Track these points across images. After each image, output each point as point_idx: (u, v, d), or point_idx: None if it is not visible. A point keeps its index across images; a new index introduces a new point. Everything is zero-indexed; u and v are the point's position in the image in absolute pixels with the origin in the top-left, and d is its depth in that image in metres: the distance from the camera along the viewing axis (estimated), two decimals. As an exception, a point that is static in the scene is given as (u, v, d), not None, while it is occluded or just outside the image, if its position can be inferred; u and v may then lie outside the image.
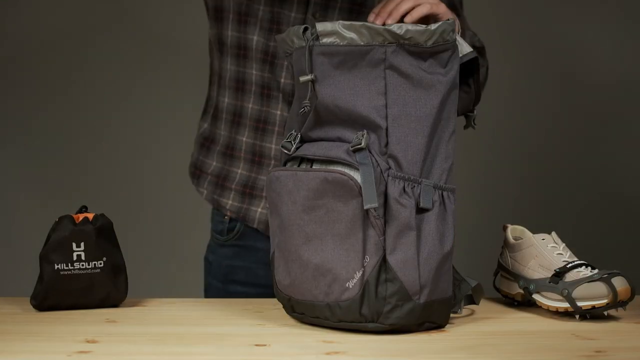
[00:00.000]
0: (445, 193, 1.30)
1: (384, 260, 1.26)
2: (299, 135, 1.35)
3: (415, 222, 1.26)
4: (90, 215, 1.46)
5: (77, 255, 1.43)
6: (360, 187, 1.24)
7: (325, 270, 1.28)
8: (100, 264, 1.44)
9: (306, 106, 1.31)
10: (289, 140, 1.35)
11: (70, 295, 1.44)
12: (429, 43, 1.28)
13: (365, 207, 1.23)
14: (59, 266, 1.43)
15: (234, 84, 1.64)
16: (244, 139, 1.62)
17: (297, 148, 1.34)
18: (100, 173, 2.82)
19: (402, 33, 1.27)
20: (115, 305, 1.47)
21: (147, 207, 2.82)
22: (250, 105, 1.62)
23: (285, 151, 1.34)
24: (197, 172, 1.70)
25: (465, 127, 1.41)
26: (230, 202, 1.63)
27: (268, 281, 1.47)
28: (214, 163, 1.66)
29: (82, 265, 1.43)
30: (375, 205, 1.23)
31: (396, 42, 1.28)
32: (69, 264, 1.43)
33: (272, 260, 1.38)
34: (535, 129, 2.73)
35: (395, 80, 1.28)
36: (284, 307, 1.38)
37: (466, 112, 1.39)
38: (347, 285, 1.27)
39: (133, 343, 1.25)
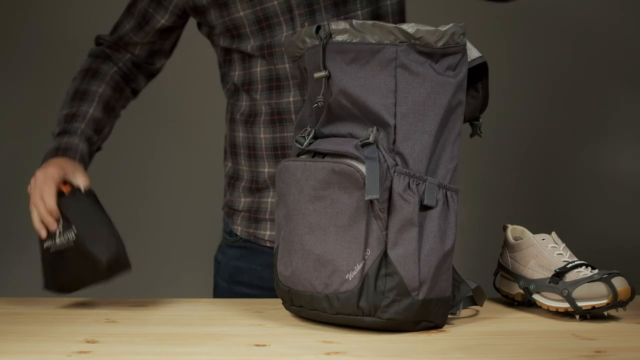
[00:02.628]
0: (448, 193, 1.31)
1: (385, 255, 1.26)
2: (313, 131, 1.36)
3: (418, 219, 1.27)
4: (66, 188, 1.47)
5: (59, 231, 1.44)
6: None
7: (326, 261, 1.29)
8: (75, 235, 1.44)
9: (320, 101, 1.33)
10: (302, 135, 1.37)
11: (70, 271, 1.44)
12: (440, 44, 1.30)
13: (366, 198, 1.24)
14: (47, 244, 1.44)
15: (245, 118, 1.65)
16: (265, 170, 1.62)
17: (309, 143, 1.36)
18: (103, 173, 2.82)
19: (412, 32, 1.29)
20: (126, 267, 1.46)
21: (150, 206, 2.82)
22: (261, 136, 1.62)
23: (299, 145, 1.36)
24: (230, 212, 1.71)
25: (472, 135, 1.41)
26: (268, 232, 1.63)
27: (272, 284, 1.47)
28: (242, 199, 1.66)
29: (62, 239, 1.44)
30: (377, 196, 1.24)
31: (407, 42, 1.29)
32: (53, 240, 1.44)
33: (275, 254, 1.39)
34: (536, 129, 2.74)
35: (405, 79, 1.29)
36: (283, 302, 1.39)
37: (473, 118, 1.40)
38: (346, 277, 1.28)
39: (133, 343, 1.25)
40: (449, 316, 1.35)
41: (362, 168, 1.27)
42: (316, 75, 1.32)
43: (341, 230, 1.28)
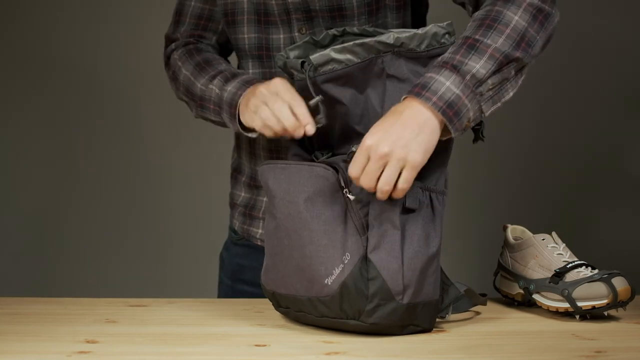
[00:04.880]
0: (434, 195, 1.30)
1: (365, 258, 1.26)
2: (331, 153, 1.36)
3: (400, 221, 1.26)
4: None
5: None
6: (343, 183, 1.27)
7: (305, 266, 1.29)
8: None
9: (320, 122, 1.33)
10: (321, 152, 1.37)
11: None
12: (422, 47, 1.31)
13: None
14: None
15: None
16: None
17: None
18: (109, 168, 2.82)
19: (392, 42, 1.30)
20: None
21: (156, 203, 2.81)
22: (261, 135, 1.61)
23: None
24: (231, 203, 1.70)
25: (474, 140, 1.40)
26: (260, 230, 1.63)
27: None
28: (242, 194, 1.66)
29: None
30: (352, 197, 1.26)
31: (391, 51, 1.30)
32: None
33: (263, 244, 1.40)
34: (535, 128, 2.74)
35: (394, 86, 1.31)
36: (271, 302, 1.38)
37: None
38: (325, 281, 1.27)
39: (133, 343, 1.25)
40: (438, 319, 1.34)
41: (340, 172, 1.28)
42: (311, 102, 1.32)
43: (317, 234, 1.27)
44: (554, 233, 1.48)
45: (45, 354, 1.19)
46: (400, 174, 1.25)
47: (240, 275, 1.67)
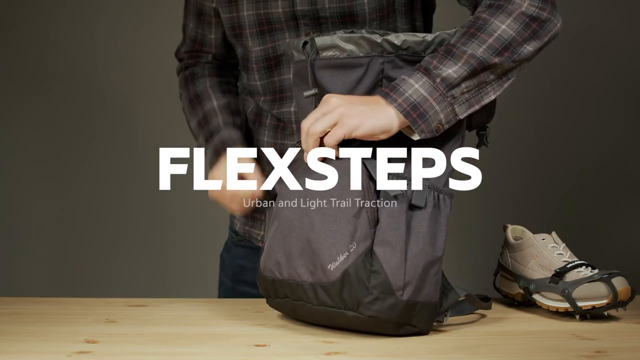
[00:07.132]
0: (441, 195, 1.30)
1: (370, 251, 1.26)
2: None
3: (407, 218, 1.27)
4: None
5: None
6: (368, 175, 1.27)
7: (311, 249, 1.29)
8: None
9: None
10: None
11: None
12: (428, 52, 1.32)
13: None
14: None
15: (252, 117, 1.66)
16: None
17: None
18: (109, 170, 2.82)
19: (399, 43, 1.30)
20: None
21: (155, 204, 2.82)
22: (264, 139, 1.62)
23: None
24: None
25: (478, 145, 1.40)
26: (261, 232, 1.63)
27: None
28: None
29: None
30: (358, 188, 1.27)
31: (395, 53, 1.31)
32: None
33: (263, 245, 1.40)
34: (535, 128, 2.74)
35: None
36: (267, 297, 1.37)
37: (481, 125, 1.40)
38: (328, 267, 1.27)
39: (133, 343, 1.25)
40: (435, 324, 1.33)
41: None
42: (306, 94, 1.33)
43: (328, 219, 1.28)
44: (554, 233, 1.48)
45: (45, 354, 1.19)
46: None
47: (241, 277, 1.67)
